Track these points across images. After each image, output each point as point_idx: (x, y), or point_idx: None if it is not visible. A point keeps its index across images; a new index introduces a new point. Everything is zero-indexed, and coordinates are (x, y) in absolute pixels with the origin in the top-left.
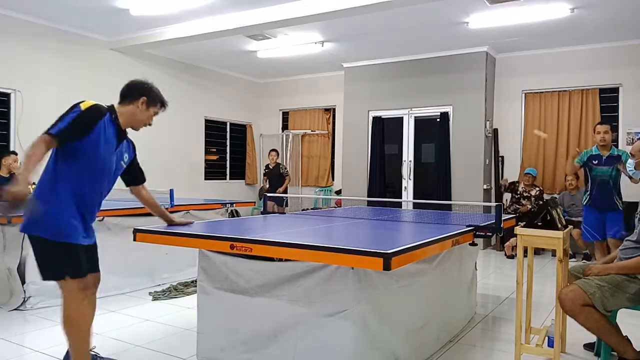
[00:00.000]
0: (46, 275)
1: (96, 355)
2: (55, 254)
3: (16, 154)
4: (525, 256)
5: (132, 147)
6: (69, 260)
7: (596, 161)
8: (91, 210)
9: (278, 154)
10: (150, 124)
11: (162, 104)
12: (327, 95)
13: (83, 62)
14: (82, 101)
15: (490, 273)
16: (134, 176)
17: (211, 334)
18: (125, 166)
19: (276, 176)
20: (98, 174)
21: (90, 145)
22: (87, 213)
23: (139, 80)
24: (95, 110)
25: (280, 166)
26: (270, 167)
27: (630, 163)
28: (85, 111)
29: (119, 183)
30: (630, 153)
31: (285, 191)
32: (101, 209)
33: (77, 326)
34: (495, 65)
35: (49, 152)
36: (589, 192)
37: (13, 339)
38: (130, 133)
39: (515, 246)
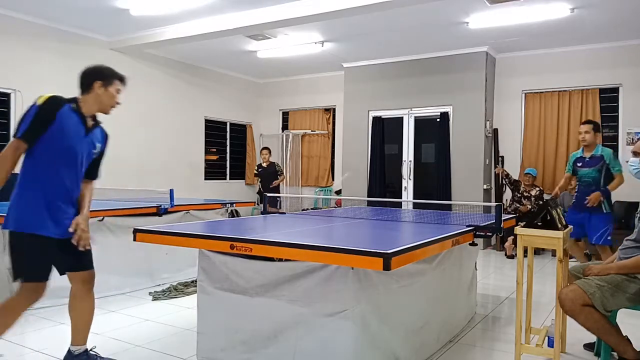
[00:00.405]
0: (13, 274)
1: (96, 355)
2: (18, 249)
3: None
4: (525, 256)
5: (104, 138)
6: (27, 258)
7: (580, 163)
8: (66, 199)
9: (270, 152)
10: (118, 103)
11: (120, 79)
12: (327, 95)
13: (83, 62)
14: (39, 97)
15: (490, 273)
16: (90, 170)
17: (211, 334)
18: (95, 156)
19: (271, 174)
20: (66, 163)
21: (53, 135)
22: (62, 203)
23: (88, 67)
24: (52, 102)
25: (276, 164)
26: (264, 166)
27: (633, 161)
28: (42, 105)
29: (119, 184)
30: (632, 152)
31: (277, 188)
32: (101, 209)
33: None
34: (495, 65)
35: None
36: (576, 193)
37: (13, 339)
38: (131, 131)
39: (515, 245)
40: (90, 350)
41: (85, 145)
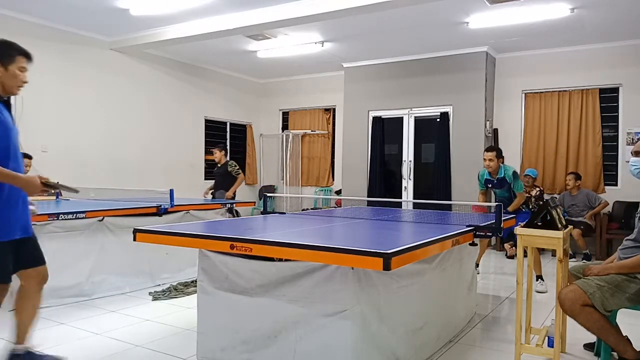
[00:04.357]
0: None
1: (41, 354)
2: None
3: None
4: (525, 256)
5: None
6: None
7: (490, 184)
8: (20, 196)
9: (223, 150)
10: (25, 81)
11: (22, 53)
12: (327, 95)
13: (83, 62)
14: None
15: (490, 273)
16: None
17: (211, 334)
18: None
19: (223, 175)
20: (13, 158)
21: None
22: (17, 201)
23: None
24: None
25: (229, 163)
26: (218, 166)
27: (634, 161)
28: None
29: (119, 184)
30: (633, 151)
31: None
32: (101, 209)
33: None
34: (495, 65)
35: None
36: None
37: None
38: (131, 131)
39: (516, 246)
40: (32, 349)
41: (17, 134)
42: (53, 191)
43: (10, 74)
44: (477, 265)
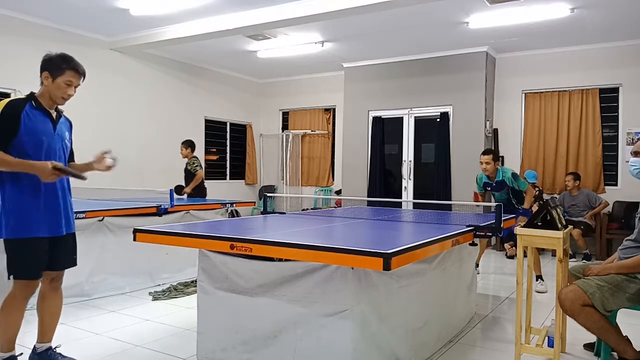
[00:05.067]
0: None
1: (59, 354)
2: (13, 252)
3: None
4: (525, 256)
5: (70, 126)
6: (20, 259)
7: (489, 187)
8: (54, 198)
9: (189, 147)
10: (70, 94)
11: (74, 69)
12: (327, 95)
13: (83, 62)
14: None
15: (490, 273)
16: (69, 159)
17: (211, 334)
18: (69, 145)
19: (187, 173)
20: (46, 160)
21: (25, 137)
22: (50, 202)
23: (42, 59)
24: (11, 106)
25: (188, 163)
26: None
27: (633, 161)
28: (1, 113)
29: (119, 184)
30: (633, 152)
31: (200, 189)
32: (101, 209)
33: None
34: (495, 65)
35: None
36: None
37: None
38: (131, 130)
39: (516, 246)
40: (55, 348)
41: (57, 141)
42: (64, 176)
43: (56, 85)
44: (477, 265)
